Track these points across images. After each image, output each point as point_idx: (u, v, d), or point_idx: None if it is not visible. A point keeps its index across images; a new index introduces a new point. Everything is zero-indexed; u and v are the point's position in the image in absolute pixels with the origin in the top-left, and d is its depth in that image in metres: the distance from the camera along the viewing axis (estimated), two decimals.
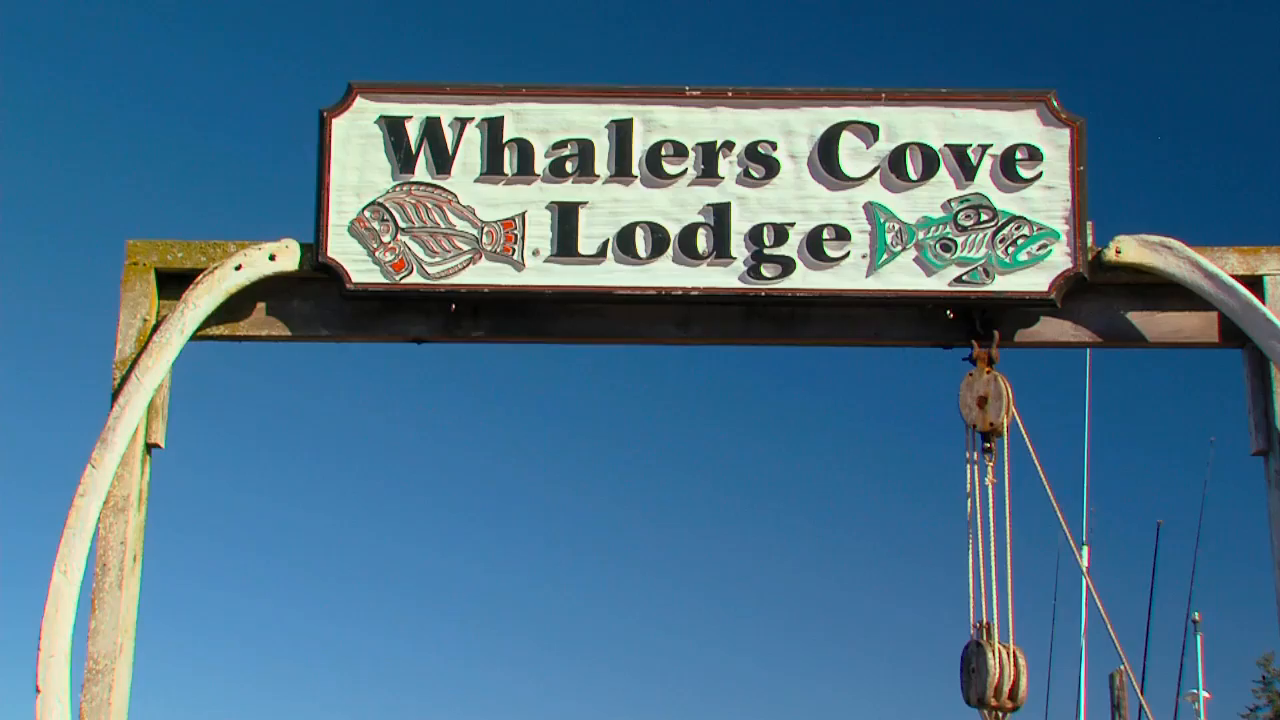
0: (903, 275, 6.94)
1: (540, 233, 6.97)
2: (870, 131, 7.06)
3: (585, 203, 7.01)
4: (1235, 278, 6.87)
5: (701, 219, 6.99)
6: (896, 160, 7.04)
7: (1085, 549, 16.52)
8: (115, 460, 6.42)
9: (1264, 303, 6.84)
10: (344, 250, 6.92)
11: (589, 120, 7.08)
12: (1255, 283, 6.93)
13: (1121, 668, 19.46)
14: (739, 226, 6.97)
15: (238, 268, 6.91)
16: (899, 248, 6.95)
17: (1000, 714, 6.78)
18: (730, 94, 7.11)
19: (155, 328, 6.81)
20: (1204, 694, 12.62)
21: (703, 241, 6.96)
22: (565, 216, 6.98)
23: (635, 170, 7.04)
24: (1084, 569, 11.46)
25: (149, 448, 6.81)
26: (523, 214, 6.98)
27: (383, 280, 6.92)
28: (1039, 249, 6.92)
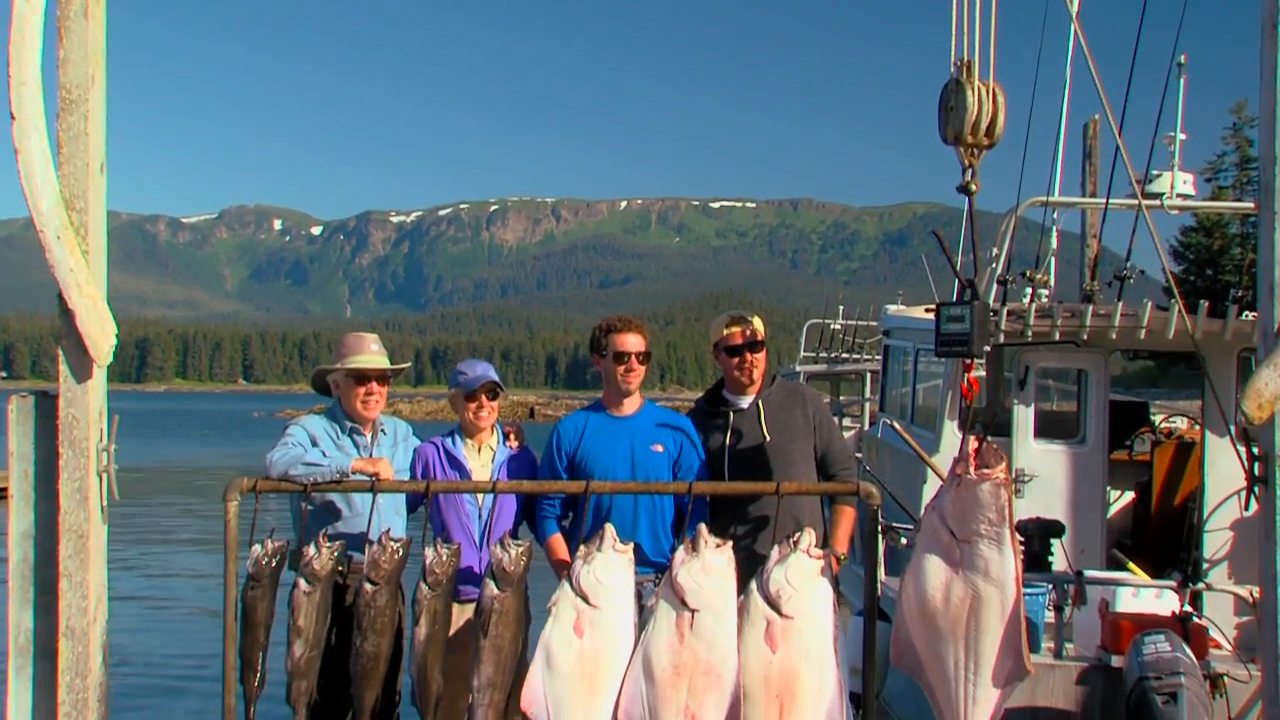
0: None
1: None
2: None
3: None
4: None
5: None
6: None
7: None
8: None
9: None
10: None
11: None
12: None
13: (1096, 116, 19.55)
14: None
15: None
16: None
17: (976, 150, 6.78)
18: None
19: None
20: (1180, 136, 12.66)
21: None
22: None
23: None
24: (1073, 14, 11.20)
25: None
26: None
27: None
28: None
